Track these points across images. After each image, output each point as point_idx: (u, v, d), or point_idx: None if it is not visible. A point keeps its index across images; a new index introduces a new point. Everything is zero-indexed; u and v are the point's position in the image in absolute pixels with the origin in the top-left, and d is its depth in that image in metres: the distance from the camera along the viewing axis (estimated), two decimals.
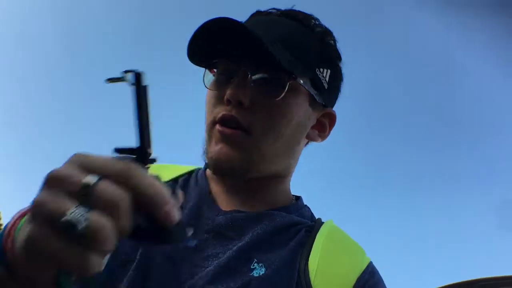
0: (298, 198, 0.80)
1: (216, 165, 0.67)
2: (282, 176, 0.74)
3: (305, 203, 0.79)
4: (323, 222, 0.74)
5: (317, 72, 0.71)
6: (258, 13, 0.75)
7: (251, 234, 0.65)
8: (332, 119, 0.77)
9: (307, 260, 0.65)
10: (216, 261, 0.62)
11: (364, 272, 0.67)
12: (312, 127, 0.75)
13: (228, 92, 0.64)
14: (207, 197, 0.70)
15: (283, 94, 0.65)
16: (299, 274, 0.63)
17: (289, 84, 0.65)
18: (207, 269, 0.61)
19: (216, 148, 0.66)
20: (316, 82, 0.71)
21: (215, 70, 0.72)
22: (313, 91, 0.70)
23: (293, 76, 0.66)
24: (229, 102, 0.64)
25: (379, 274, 0.71)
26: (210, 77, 0.71)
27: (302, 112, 0.70)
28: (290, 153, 0.72)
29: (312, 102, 0.71)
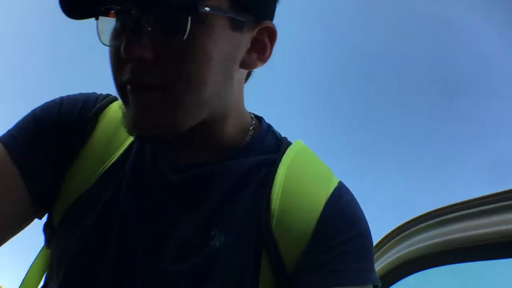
0: (259, 119, 0.71)
1: (138, 136, 0.58)
2: (222, 119, 0.63)
3: (268, 125, 0.71)
4: (289, 145, 0.67)
5: None
6: None
7: (208, 196, 0.62)
8: (271, 33, 0.62)
9: (269, 204, 0.60)
10: (178, 233, 0.60)
11: (329, 200, 0.60)
12: (249, 51, 0.61)
13: (123, 50, 0.52)
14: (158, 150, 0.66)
15: (186, 34, 0.52)
16: (261, 227, 0.59)
17: (190, 19, 0.51)
18: (169, 245, 0.60)
19: (135, 116, 0.56)
20: None
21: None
22: (231, 12, 0.56)
23: (193, 6, 0.52)
24: (128, 60, 0.54)
25: (348, 196, 0.64)
26: (106, 27, 0.58)
27: (223, 43, 0.56)
28: (222, 95, 0.60)
29: (236, 24, 0.57)
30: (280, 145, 0.67)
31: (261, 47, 0.62)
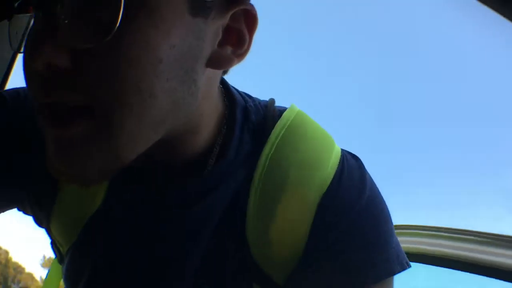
0: (232, 105, 0.53)
1: (69, 181, 0.44)
2: (186, 135, 0.48)
3: (242, 110, 0.53)
4: (271, 129, 0.52)
5: None
6: None
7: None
8: (250, 19, 0.44)
9: (244, 231, 0.49)
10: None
11: (322, 202, 0.48)
12: (219, 45, 0.44)
13: (27, 55, 0.36)
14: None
15: (118, 25, 0.34)
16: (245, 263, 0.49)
17: (124, 2, 0.34)
18: None
19: (57, 157, 0.39)
20: None
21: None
22: None
23: None
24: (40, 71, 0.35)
25: (349, 194, 0.49)
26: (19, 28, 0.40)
27: (178, 35, 0.38)
28: (183, 106, 0.42)
29: (197, 7, 0.39)
30: (260, 135, 0.52)
31: (237, 37, 0.44)
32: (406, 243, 1.16)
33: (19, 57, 0.84)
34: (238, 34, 0.44)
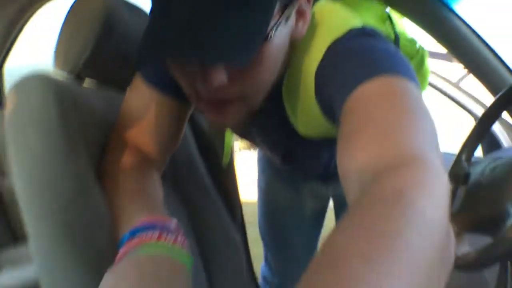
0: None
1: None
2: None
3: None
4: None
5: None
6: None
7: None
8: None
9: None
10: None
11: (318, 68, 0.61)
12: (295, 23, 0.62)
13: (201, 90, 0.56)
14: None
15: (256, 57, 0.54)
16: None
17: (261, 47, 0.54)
18: None
19: (216, 119, 0.62)
20: None
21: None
22: (282, 13, 0.56)
23: (264, 38, 0.54)
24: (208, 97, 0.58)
25: (346, 51, 0.59)
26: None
27: (281, 39, 0.59)
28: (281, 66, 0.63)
29: (286, 18, 0.58)
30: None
31: (302, 13, 0.62)
32: None
33: None
34: (302, 10, 0.62)
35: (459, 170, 1.03)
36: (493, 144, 1.50)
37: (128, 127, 0.70)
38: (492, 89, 1.26)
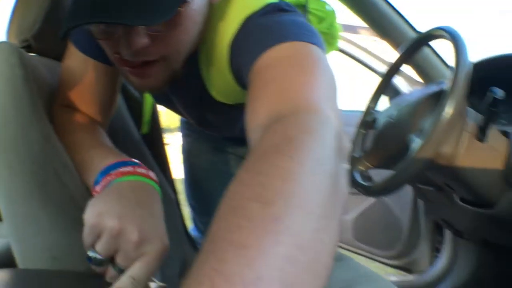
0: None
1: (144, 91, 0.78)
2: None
3: None
4: None
5: None
6: None
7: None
8: None
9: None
10: None
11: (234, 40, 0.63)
12: None
13: (124, 53, 0.58)
14: None
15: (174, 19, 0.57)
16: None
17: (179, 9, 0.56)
18: None
19: (138, 82, 0.65)
20: None
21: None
22: None
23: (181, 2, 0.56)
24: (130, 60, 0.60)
25: (261, 26, 0.60)
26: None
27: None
28: (203, 24, 0.65)
29: None
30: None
31: None
32: None
33: None
34: None
35: (367, 117, 1.18)
36: (397, 95, 1.68)
37: (69, 93, 0.73)
38: (396, 45, 1.43)
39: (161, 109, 1.13)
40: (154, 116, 1.14)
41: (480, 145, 0.92)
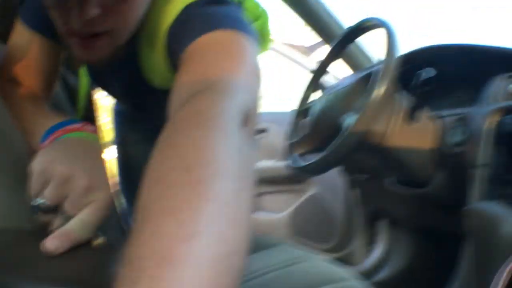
0: None
1: (91, 63, 0.74)
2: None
3: None
4: None
5: None
6: None
7: None
8: None
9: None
10: None
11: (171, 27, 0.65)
12: None
13: (75, 23, 0.60)
14: None
15: None
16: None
17: None
18: None
19: (85, 54, 0.65)
20: None
21: None
22: None
23: None
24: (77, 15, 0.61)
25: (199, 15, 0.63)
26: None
27: None
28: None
29: None
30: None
31: None
32: None
33: None
34: None
35: (302, 107, 1.18)
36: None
37: (13, 67, 0.75)
38: (328, 41, 1.46)
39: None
40: (90, 102, 1.12)
41: (411, 125, 0.94)
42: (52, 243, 0.43)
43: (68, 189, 0.48)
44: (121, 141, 1.34)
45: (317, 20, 1.49)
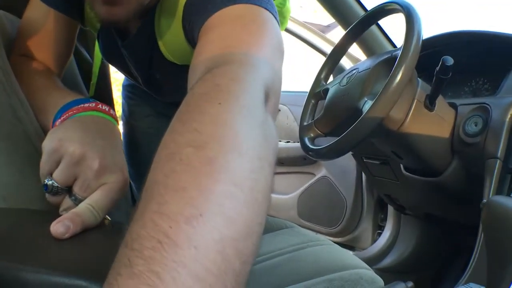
0: None
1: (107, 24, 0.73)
2: None
3: None
4: None
5: None
6: None
7: None
8: None
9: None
10: None
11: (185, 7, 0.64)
12: None
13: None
14: None
15: None
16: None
17: None
18: None
19: (106, 10, 0.63)
20: None
21: None
22: None
23: None
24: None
25: None
26: None
27: None
28: None
29: None
30: None
31: None
32: None
33: None
34: None
35: (317, 88, 1.16)
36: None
37: (27, 42, 0.74)
38: (346, 26, 1.43)
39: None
40: (104, 79, 1.11)
41: (428, 113, 0.92)
42: (59, 227, 0.41)
43: (79, 170, 0.47)
44: (129, 114, 1.34)
45: (332, 2, 1.45)
